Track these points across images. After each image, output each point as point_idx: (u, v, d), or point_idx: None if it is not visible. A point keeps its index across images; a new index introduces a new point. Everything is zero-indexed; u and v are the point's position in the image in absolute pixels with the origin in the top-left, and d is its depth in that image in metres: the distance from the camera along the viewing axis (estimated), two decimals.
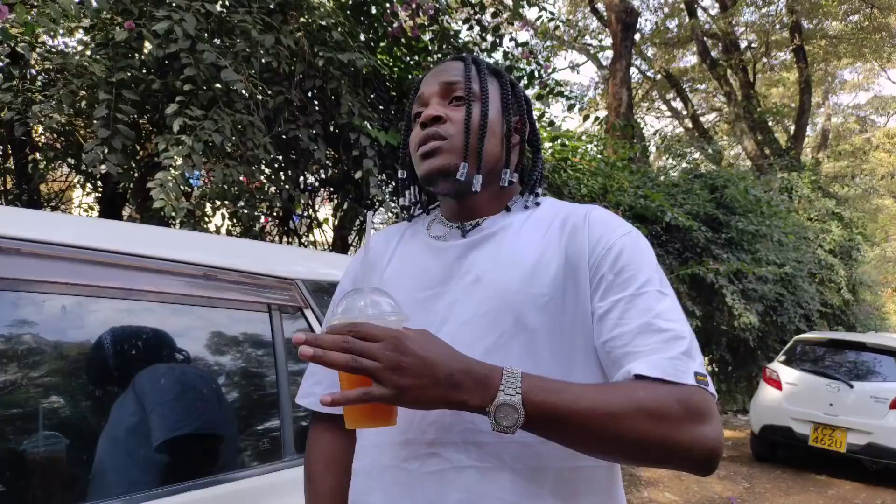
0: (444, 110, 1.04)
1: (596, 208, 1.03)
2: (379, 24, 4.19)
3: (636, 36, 13.63)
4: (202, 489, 1.38)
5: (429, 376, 0.80)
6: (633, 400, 0.81)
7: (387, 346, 0.79)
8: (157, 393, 1.42)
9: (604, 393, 0.83)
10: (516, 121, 1.10)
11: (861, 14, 15.99)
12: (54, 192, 4.09)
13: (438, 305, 0.99)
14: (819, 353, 7.02)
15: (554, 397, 0.81)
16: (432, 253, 1.05)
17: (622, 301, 0.91)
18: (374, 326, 0.81)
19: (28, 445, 1.22)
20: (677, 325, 0.89)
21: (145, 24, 2.88)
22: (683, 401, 0.82)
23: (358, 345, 0.78)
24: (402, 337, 0.80)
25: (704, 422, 0.83)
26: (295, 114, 3.52)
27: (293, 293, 1.73)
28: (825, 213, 12.63)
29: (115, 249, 1.39)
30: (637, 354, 0.86)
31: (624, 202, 6.65)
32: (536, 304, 0.94)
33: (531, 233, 1.02)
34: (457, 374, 0.81)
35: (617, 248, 0.95)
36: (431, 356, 0.81)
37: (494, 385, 0.81)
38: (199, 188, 3.25)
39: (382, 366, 0.78)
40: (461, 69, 1.07)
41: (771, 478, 6.42)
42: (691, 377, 0.84)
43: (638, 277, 0.93)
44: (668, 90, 19.09)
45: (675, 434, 0.81)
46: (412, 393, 0.79)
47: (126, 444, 1.34)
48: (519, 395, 0.80)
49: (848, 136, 23.64)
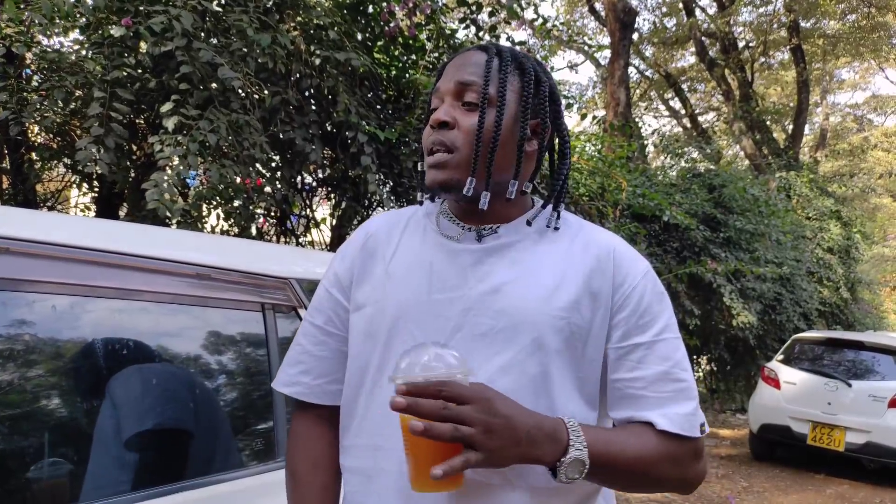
0: (455, 113, 0.97)
1: (620, 243, 1.03)
2: (376, 24, 4.18)
3: (634, 35, 13.63)
4: (196, 489, 1.37)
5: (511, 437, 0.82)
6: (662, 452, 0.93)
7: (477, 409, 0.80)
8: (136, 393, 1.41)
9: (640, 443, 0.92)
10: (534, 124, 1.01)
11: (859, 13, 16.01)
12: (50, 191, 4.07)
13: (451, 311, 0.96)
14: (817, 352, 7.02)
15: (608, 448, 0.89)
16: (446, 253, 1.00)
17: (643, 346, 0.96)
18: (462, 387, 0.81)
19: (20, 445, 1.21)
20: (688, 374, 0.97)
21: (141, 22, 2.87)
22: (695, 450, 0.96)
23: (456, 410, 0.79)
24: (492, 398, 0.82)
25: (701, 459, 0.98)
26: (291, 114, 3.52)
27: (287, 293, 1.72)
28: (823, 211, 12.63)
29: (109, 249, 1.38)
30: (654, 401, 0.95)
31: (622, 201, 6.65)
32: (555, 325, 0.94)
33: (552, 249, 1.00)
34: (532, 431, 0.84)
35: (640, 290, 0.98)
36: (513, 414, 0.83)
37: (564, 440, 0.86)
38: (195, 188, 3.24)
39: (476, 431, 0.79)
40: (482, 65, 0.98)
41: (769, 477, 6.42)
42: (698, 430, 0.96)
43: (658, 321, 0.97)
44: (667, 90, 19.10)
45: (686, 473, 0.97)
46: (499, 454, 0.81)
47: (112, 444, 1.33)
48: (586, 450, 0.86)
49: (846, 136, 23.66)
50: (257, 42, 3.09)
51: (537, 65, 1.03)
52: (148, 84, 3.05)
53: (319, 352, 1.08)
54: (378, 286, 1.02)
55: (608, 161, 6.68)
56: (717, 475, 6.28)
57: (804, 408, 6.45)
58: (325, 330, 1.08)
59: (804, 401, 6.49)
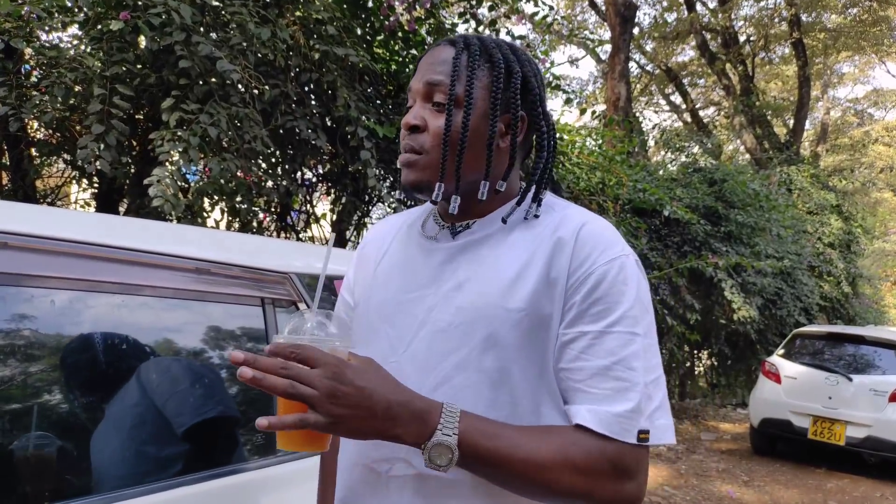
0: (424, 114, 0.96)
1: (589, 223, 0.95)
2: (375, 18, 4.17)
3: (635, 30, 13.60)
4: (193, 485, 1.38)
5: (365, 408, 0.78)
6: (566, 455, 0.83)
7: (325, 373, 0.77)
8: (166, 384, 1.43)
9: (539, 443, 0.84)
10: (505, 119, 0.97)
11: (860, 7, 15.96)
12: (50, 187, 4.07)
13: (419, 308, 0.97)
14: (818, 347, 7.03)
15: (489, 442, 0.82)
16: (422, 253, 1.02)
17: (589, 335, 0.89)
18: (315, 350, 0.78)
19: (24, 441, 1.21)
20: (636, 374, 0.87)
21: (140, 16, 2.87)
22: (614, 460, 0.84)
23: (296, 370, 0.77)
24: (343, 365, 0.79)
25: (630, 479, 0.85)
26: (291, 107, 3.51)
27: (287, 287, 1.72)
28: (824, 206, 12.61)
29: (109, 244, 1.38)
30: (587, 396, 0.87)
31: (622, 196, 6.64)
32: (511, 319, 0.90)
33: (519, 242, 0.96)
34: (395, 408, 0.80)
35: (596, 276, 0.90)
36: (370, 387, 0.79)
37: (432, 423, 0.81)
38: (195, 183, 3.24)
39: (319, 394, 0.76)
40: (449, 62, 0.95)
41: (770, 471, 6.42)
42: (633, 436, 0.85)
43: (611, 312, 0.89)
44: (667, 84, 19.06)
45: (599, 489, 0.84)
46: (347, 423, 0.78)
47: (130, 437, 1.33)
48: (455, 436, 0.81)
49: (847, 130, 23.62)
50: (257, 35, 3.08)
51: (511, 52, 0.99)
52: (147, 79, 3.04)
53: None
54: (366, 287, 1.08)
55: (608, 156, 6.67)
56: (717, 469, 6.29)
57: (805, 402, 6.46)
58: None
59: (805, 395, 6.50)
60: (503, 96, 0.97)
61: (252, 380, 0.75)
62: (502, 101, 0.96)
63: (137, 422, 1.37)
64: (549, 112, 1.04)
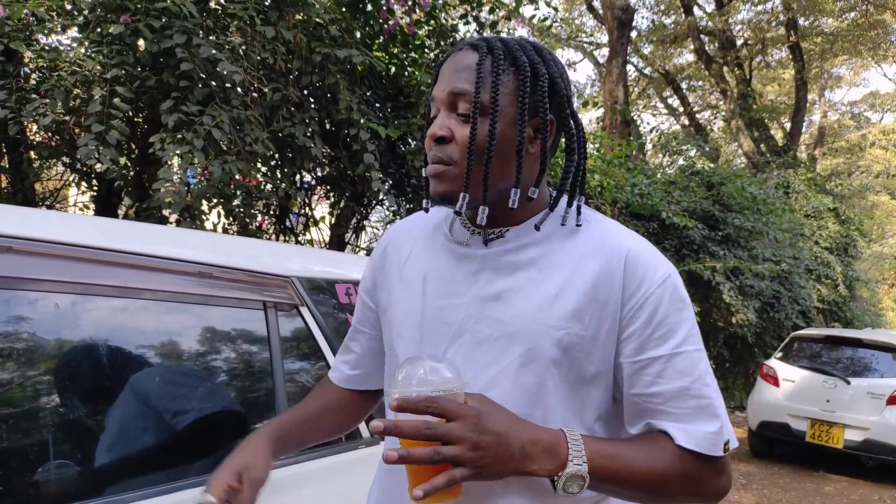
0: (451, 125, 0.93)
1: (635, 246, 0.94)
2: (375, 21, 4.18)
3: (632, 33, 13.63)
4: (192, 489, 1.37)
5: (505, 453, 0.80)
6: (678, 468, 0.89)
7: (467, 426, 0.78)
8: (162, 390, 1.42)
9: (652, 459, 0.89)
10: (534, 123, 0.94)
11: (857, 11, 16.01)
12: (49, 190, 4.07)
13: (454, 317, 0.95)
14: (816, 350, 7.03)
15: (612, 463, 0.86)
16: (453, 259, 0.99)
17: (661, 360, 0.91)
18: (450, 402, 0.79)
19: (20, 444, 1.20)
20: (711, 388, 0.92)
21: (140, 20, 2.87)
22: (715, 468, 0.92)
23: (441, 429, 0.78)
24: (480, 414, 0.80)
25: (723, 475, 0.94)
26: (292, 110, 3.51)
27: (289, 291, 1.72)
28: (821, 209, 12.64)
29: (110, 247, 1.38)
30: (674, 416, 0.91)
31: (621, 200, 6.65)
32: (552, 336, 0.90)
33: (559, 254, 0.95)
34: (528, 446, 0.82)
35: (655, 300, 0.91)
36: (505, 431, 0.81)
37: (563, 455, 0.83)
38: (195, 186, 3.24)
39: (464, 449, 0.78)
40: (473, 68, 0.92)
41: (768, 474, 6.43)
42: (720, 449, 0.91)
43: (676, 333, 0.91)
44: (665, 88, 19.10)
45: (704, 490, 0.92)
46: (489, 469, 0.80)
47: (131, 439, 1.33)
48: (585, 465, 0.83)
49: (844, 134, 23.68)
50: (261, 34, 3.09)
51: (535, 53, 0.95)
52: (147, 82, 3.05)
53: (355, 346, 1.21)
54: (393, 291, 1.07)
55: (607, 159, 6.68)
56: None
57: (803, 405, 6.46)
58: (357, 328, 1.20)
59: (803, 398, 6.50)
60: (531, 100, 0.93)
61: (398, 461, 0.77)
62: (530, 105, 0.93)
63: (134, 426, 1.36)
64: (577, 112, 1.01)
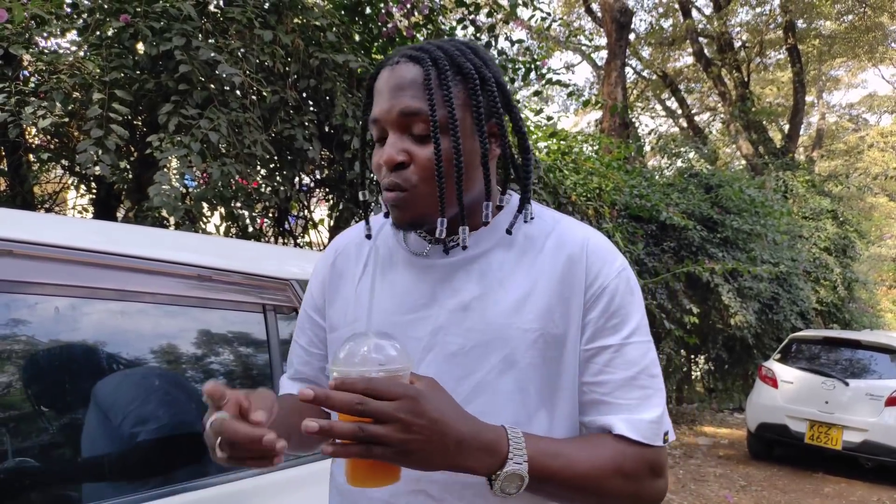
0: (406, 147, 0.88)
1: (593, 237, 0.95)
2: (374, 24, 4.19)
3: (631, 36, 13.65)
4: (195, 491, 1.38)
5: (439, 442, 0.76)
6: (616, 464, 0.87)
7: (401, 407, 0.73)
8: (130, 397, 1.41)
9: (592, 456, 0.87)
10: (491, 127, 0.92)
11: (855, 14, 16.05)
12: (48, 193, 4.07)
13: (421, 331, 0.93)
14: (814, 351, 7.04)
15: (554, 462, 0.84)
16: (412, 271, 0.96)
17: (611, 349, 0.91)
18: (388, 383, 0.75)
19: (20, 447, 1.21)
20: (657, 379, 0.93)
21: (140, 21, 2.88)
22: (651, 463, 0.90)
23: (373, 406, 0.73)
24: (419, 397, 0.75)
25: (661, 476, 0.92)
26: (290, 113, 3.52)
27: (288, 294, 1.73)
28: (820, 211, 12.65)
29: (109, 251, 1.38)
30: (617, 407, 0.91)
31: (619, 202, 6.66)
32: (526, 339, 0.90)
33: (521, 256, 0.94)
34: (466, 441, 0.78)
35: (610, 291, 0.92)
36: (443, 420, 0.76)
37: (502, 453, 0.80)
38: (194, 189, 3.25)
39: (392, 430, 0.73)
40: (419, 83, 0.86)
41: (767, 475, 6.43)
42: (661, 439, 0.91)
43: (628, 323, 0.92)
44: (663, 90, 19.13)
45: (642, 490, 0.90)
46: (417, 456, 0.75)
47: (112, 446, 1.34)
48: (526, 464, 0.81)
49: (842, 135, 23.72)
50: (259, 37, 3.10)
51: (476, 56, 0.92)
52: (146, 85, 3.05)
53: (307, 371, 1.11)
54: (349, 308, 1.01)
55: (605, 162, 6.69)
56: (715, 474, 6.29)
57: (802, 406, 6.47)
58: (308, 350, 1.10)
59: (802, 400, 6.51)
60: (485, 105, 0.90)
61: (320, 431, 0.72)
62: (485, 111, 0.90)
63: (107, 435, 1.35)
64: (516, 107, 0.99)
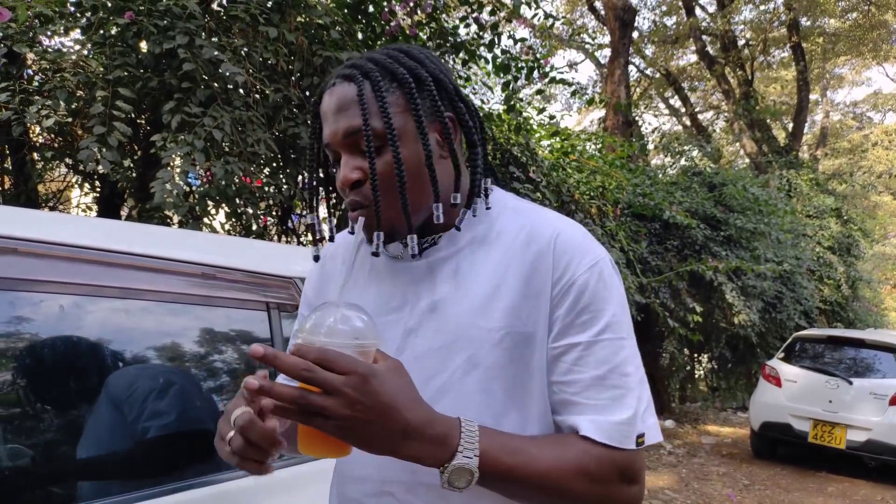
0: (359, 164, 0.89)
1: (563, 230, 0.92)
2: (377, 22, 4.18)
3: (634, 34, 13.64)
4: (194, 489, 1.38)
5: (383, 425, 0.73)
6: (580, 465, 0.83)
7: (349, 382, 0.71)
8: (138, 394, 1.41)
9: (556, 455, 0.83)
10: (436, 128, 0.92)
11: (859, 11, 16.01)
12: (52, 192, 4.08)
13: (394, 333, 0.92)
14: (818, 350, 7.03)
15: (509, 458, 0.80)
16: (389, 274, 0.97)
17: (579, 347, 0.87)
18: (342, 357, 0.72)
19: (24, 445, 1.21)
20: (630, 379, 0.87)
21: (144, 20, 2.88)
22: (621, 467, 0.85)
23: (321, 375, 0.71)
24: (372, 376, 0.73)
25: (634, 482, 0.87)
26: (294, 111, 3.52)
27: (292, 292, 1.73)
28: (823, 210, 12.63)
29: (113, 249, 1.38)
30: (586, 408, 0.86)
31: (622, 200, 6.66)
32: (491, 339, 0.87)
33: (491, 256, 0.92)
34: (414, 429, 0.75)
35: (579, 286, 0.87)
36: (392, 403, 0.74)
37: (452, 445, 0.78)
38: (198, 187, 3.25)
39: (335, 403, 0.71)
40: (356, 100, 0.88)
41: (771, 475, 6.42)
42: (633, 442, 0.86)
43: (599, 320, 0.87)
44: (667, 88, 19.10)
45: (611, 494, 0.85)
46: (357, 435, 0.73)
47: (114, 444, 1.34)
48: (476, 458, 0.78)
49: (846, 134, 23.66)
50: (263, 34, 3.10)
51: (409, 59, 0.92)
52: (149, 83, 3.05)
53: None
54: None
55: (608, 160, 6.68)
56: (718, 473, 6.29)
57: (805, 405, 6.46)
58: None
59: (805, 399, 6.50)
60: (426, 108, 0.90)
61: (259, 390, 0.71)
62: (425, 113, 0.90)
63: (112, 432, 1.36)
64: (468, 98, 0.97)
